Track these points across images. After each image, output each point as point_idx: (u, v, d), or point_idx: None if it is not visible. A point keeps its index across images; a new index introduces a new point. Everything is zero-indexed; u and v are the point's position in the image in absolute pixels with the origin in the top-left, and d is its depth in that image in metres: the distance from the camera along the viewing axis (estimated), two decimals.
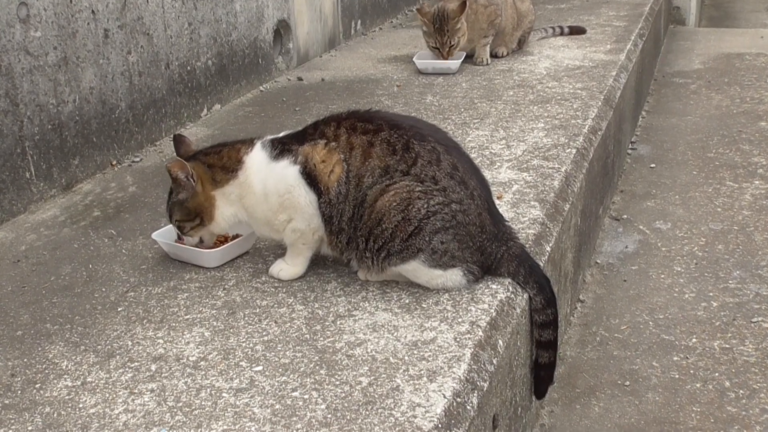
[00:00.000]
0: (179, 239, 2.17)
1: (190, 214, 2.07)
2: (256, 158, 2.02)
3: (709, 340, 2.61)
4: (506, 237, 1.97)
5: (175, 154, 2.18)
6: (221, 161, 2.05)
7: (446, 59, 4.01)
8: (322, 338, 1.80)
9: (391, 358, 1.71)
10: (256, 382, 1.66)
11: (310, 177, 1.94)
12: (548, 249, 2.27)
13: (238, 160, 2.03)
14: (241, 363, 1.73)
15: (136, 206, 2.62)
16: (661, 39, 6.38)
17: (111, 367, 1.75)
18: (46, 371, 1.75)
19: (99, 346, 1.83)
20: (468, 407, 1.61)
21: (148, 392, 1.65)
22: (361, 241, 1.92)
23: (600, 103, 3.42)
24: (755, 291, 2.87)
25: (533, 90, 3.69)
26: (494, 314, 1.87)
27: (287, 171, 1.95)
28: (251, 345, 1.79)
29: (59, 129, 2.71)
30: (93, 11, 2.82)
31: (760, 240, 3.23)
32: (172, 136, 3.27)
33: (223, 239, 2.22)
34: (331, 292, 2.00)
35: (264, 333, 1.83)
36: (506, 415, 1.90)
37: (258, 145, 2.04)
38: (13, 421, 1.60)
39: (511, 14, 4.27)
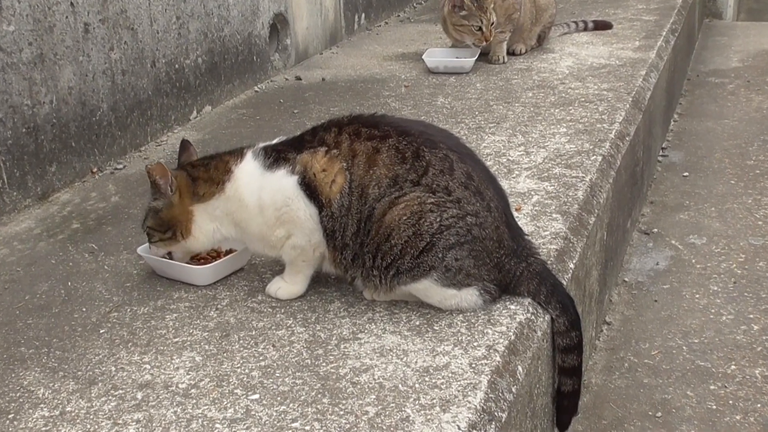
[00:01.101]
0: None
1: (162, 225, 2.09)
2: (247, 169, 2.03)
3: (749, 368, 2.61)
4: (526, 253, 1.99)
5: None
6: (207, 173, 2.07)
7: (489, 41, 4.07)
8: (324, 363, 1.81)
9: (400, 385, 1.73)
10: (253, 412, 1.67)
11: (310, 188, 1.95)
12: (572, 266, 2.28)
13: (227, 171, 2.05)
14: (235, 391, 1.74)
15: (119, 218, 2.64)
16: (695, 34, 6.40)
17: (92, 395, 1.76)
18: (21, 400, 1.76)
19: (79, 372, 1.84)
20: None
21: (134, 423, 1.66)
22: (367, 258, 1.93)
23: (628, 106, 3.44)
24: None
25: (554, 91, 3.71)
26: (513, 337, 1.88)
27: (284, 182, 1.97)
28: (247, 371, 1.80)
29: (34, 133, 2.73)
30: (72, 4, 2.85)
31: None
32: (158, 140, 3.32)
33: (215, 254, 2.24)
34: (334, 313, 2.01)
35: (261, 358, 1.85)
36: None
37: (249, 155, 2.05)
38: None
39: (529, 8, 4.30)
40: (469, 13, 4.03)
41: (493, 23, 4.04)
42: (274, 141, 2.09)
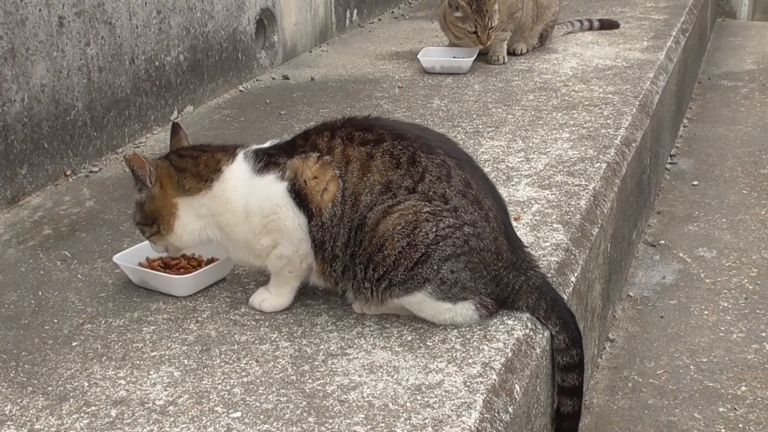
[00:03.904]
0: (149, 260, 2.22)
1: (147, 219, 2.10)
2: (237, 171, 2.05)
3: (761, 389, 2.63)
4: (525, 265, 2.00)
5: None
6: (196, 167, 2.08)
7: (485, 45, 4.09)
8: (310, 380, 1.82)
9: (390, 404, 1.74)
10: (234, 431, 1.68)
11: (300, 196, 1.97)
12: (573, 279, 2.30)
13: (217, 170, 2.06)
14: (216, 408, 1.75)
15: (94, 224, 2.65)
16: (707, 34, 6.44)
17: (63, 412, 1.77)
18: None
19: (49, 388, 1.85)
20: None
21: None
22: (359, 269, 1.95)
23: (635, 110, 3.47)
24: None
25: (557, 94, 3.73)
26: (510, 355, 1.90)
27: (273, 188, 1.99)
28: (228, 387, 1.81)
29: (4, 132, 2.74)
30: None
31: None
32: (136, 142, 3.33)
33: (196, 263, 2.25)
34: (321, 327, 2.03)
35: (243, 373, 1.86)
36: None
37: (240, 156, 2.07)
38: None
39: (531, 6, 4.32)
40: (464, 15, 4.05)
41: (492, 27, 4.02)
42: (266, 144, 2.11)
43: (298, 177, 1.96)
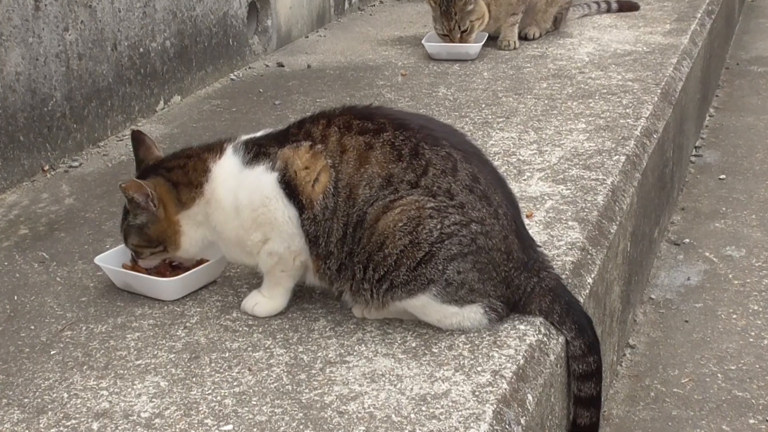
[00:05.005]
0: (133, 262, 2.22)
1: (151, 242, 2.13)
2: (226, 165, 2.07)
3: None
4: (538, 266, 2.00)
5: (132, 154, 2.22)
6: (186, 176, 2.10)
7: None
8: (307, 390, 1.82)
9: (393, 415, 1.74)
10: None
11: (290, 187, 1.97)
12: (590, 281, 2.30)
13: (205, 171, 2.08)
14: (206, 421, 1.75)
15: (74, 223, 2.65)
16: (735, 16, 6.43)
17: (41, 425, 1.76)
18: None
19: (26, 399, 1.85)
20: None
21: None
22: (357, 269, 1.95)
23: (656, 99, 3.46)
24: None
25: (572, 81, 3.73)
26: (522, 362, 1.90)
27: (262, 179, 1.99)
28: (219, 398, 1.81)
29: None
30: None
31: None
32: (119, 135, 3.33)
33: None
34: (318, 333, 2.03)
35: (235, 383, 1.86)
36: None
37: (229, 150, 2.08)
38: None
39: None
40: (435, 15, 4.10)
41: (465, 31, 4.04)
42: (258, 134, 2.12)
43: (289, 167, 1.97)
